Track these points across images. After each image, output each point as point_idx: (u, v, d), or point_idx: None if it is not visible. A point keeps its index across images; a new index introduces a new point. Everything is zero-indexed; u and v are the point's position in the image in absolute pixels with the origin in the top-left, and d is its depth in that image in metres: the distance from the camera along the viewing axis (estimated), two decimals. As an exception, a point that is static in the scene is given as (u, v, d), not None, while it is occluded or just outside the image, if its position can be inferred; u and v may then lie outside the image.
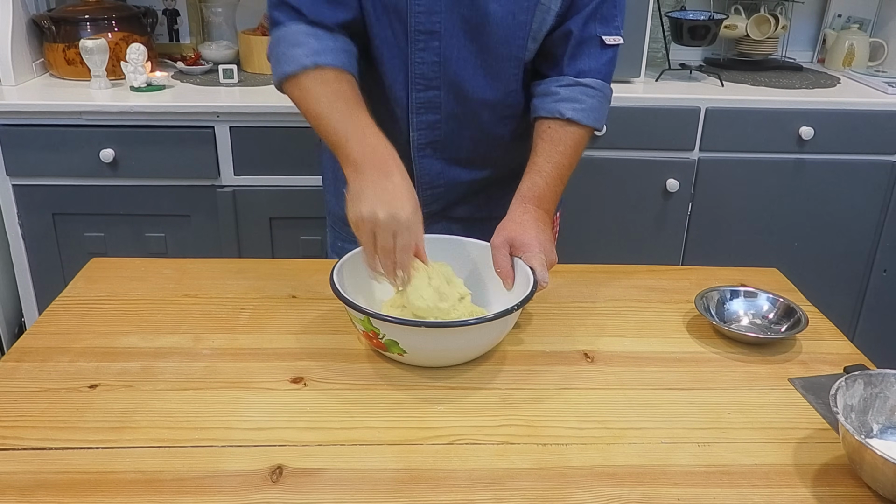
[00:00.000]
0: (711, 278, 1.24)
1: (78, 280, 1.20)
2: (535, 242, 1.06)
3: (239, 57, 2.34)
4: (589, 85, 1.16)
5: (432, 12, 1.09)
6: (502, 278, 1.05)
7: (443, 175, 1.25)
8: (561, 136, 1.15)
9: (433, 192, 1.26)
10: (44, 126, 1.97)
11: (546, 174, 1.14)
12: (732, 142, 2.14)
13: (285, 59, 1.08)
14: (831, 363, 1.04)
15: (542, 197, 1.13)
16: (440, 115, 1.19)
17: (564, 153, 1.15)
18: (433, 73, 1.14)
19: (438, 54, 1.13)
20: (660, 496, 0.79)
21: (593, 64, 1.16)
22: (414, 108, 1.18)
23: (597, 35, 1.14)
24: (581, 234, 2.20)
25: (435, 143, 1.21)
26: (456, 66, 1.14)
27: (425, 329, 0.94)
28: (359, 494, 0.78)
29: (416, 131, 1.20)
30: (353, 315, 0.96)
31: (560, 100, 1.15)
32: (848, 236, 2.26)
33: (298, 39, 1.08)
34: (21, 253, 2.10)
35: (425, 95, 1.16)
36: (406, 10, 1.09)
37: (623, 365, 1.02)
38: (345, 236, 1.33)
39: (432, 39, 1.11)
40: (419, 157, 1.22)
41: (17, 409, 0.89)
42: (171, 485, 0.78)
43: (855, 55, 2.47)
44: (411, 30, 1.11)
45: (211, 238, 2.10)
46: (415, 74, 1.14)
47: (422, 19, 1.10)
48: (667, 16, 2.32)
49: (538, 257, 1.04)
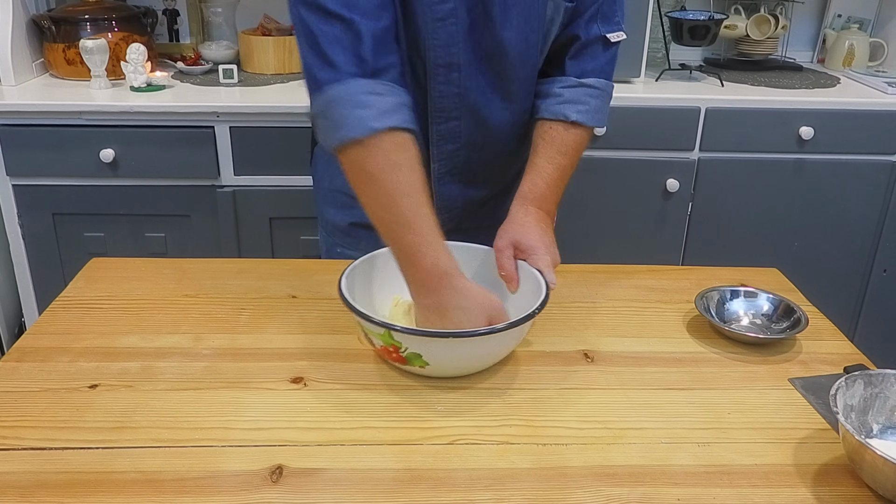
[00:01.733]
0: (711, 278, 1.24)
1: (78, 280, 1.20)
2: (540, 244, 1.06)
3: (239, 57, 2.34)
4: (592, 85, 1.16)
5: (451, 44, 1.07)
6: (506, 282, 1.05)
7: (461, 196, 1.25)
8: (563, 137, 1.15)
9: (450, 214, 1.26)
10: (44, 126, 1.97)
11: (547, 175, 1.13)
12: (732, 142, 2.14)
13: (347, 123, 0.95)
14: (831, 363, 1.04)
15: (543, 198, 1.13)
16: (460, 144, 1.18)
17: (566, 154, 1.15)
18: (453, 105, 1.13)
19: (459, 86, 1.11)
20: (660, 496, 0.79)
21: (596, 64, 1.16)
22: (434, 139, 1.16)
23: (601, 35, 1.14)
24: (581, 234, 2.20)
25: (454, 169, 1.21)
26: (476, 94, 1.12)
27: (454, 340, 0.91)
28: (359, 494, 0.78)
29: (436, 162, 1.19)
30: (371, 330, 0.93)
31: (564, 102, 1.15)
32: (848, 236, 2.26)
33: (363, 100, 0.95)
34: (21, 253, 2.11)
35: (446, 127, 1.15)
36: (425, 44, 1.07)
37: (623, 365, 1.02)
38: (342, 242, 1.33)
39: (452, 71, 1.09)
40: (439, 185, 1.22)
41: (17, 409, 0.89)
42: (171, 485, 0.78)
43: (855, 55, 2.47)
44: (430, 63, 1.08)
45: (211, 238, 2.10)
46: (435, 108, 1.13)
47: (441, 52, 1.07)
48: (667, 16, 2.32)
49: (544, 259, 1.04)
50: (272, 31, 2.29)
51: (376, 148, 0.95)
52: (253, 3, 2.40)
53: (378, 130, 0.94)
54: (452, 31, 1.06)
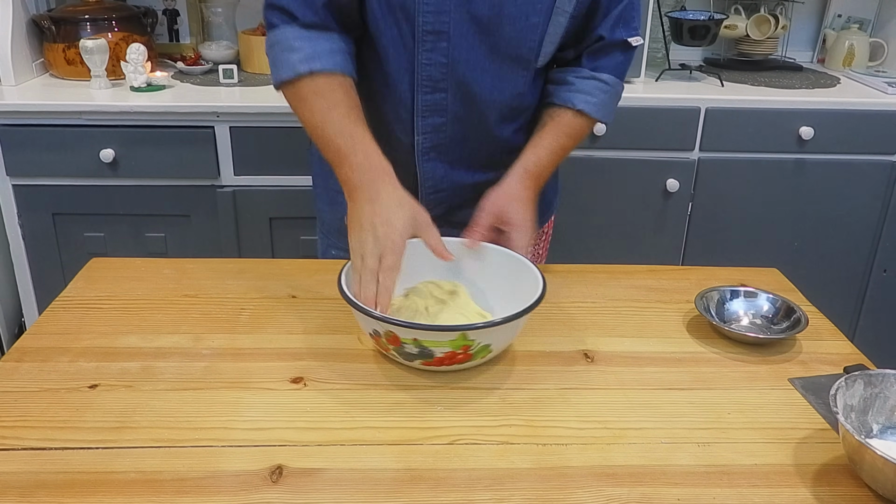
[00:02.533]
0: (711, 278, 1.24)
1: (78, 280, 1.20)
2: (524, 224, 1.10)
3: (239, 57, 2.34)
4: (604, 80, 1.18)
5: (441, 11, 1.07)
6: (468, 237, 1.08)
7: (446, 178, 1.24)
8: (569, 121, 1.18)
9: (437, 196, 1.25)
10: (44, 126, 1.97)
11: (551, 151, 1.17)
12: (732, 142, 2.14)
13: (280, 64, 1.07)
14: (831, 363, 1.04)
15: (541, 175, 1.18)
16: (446, 118, 1.17)
17: (570, 136, 1.19)
18: (440, 75, 1.12)
19: (446, 55, 1.10)
20: (660, 496, 0.79)
21: (612, 62, 1.19)
22: (419, 110, 1.16)
23: (623, 38, 1.17)
24: (581, 234, 2.20)
25: (439, 146, 1.20)
26: (464, 67, 1.12)
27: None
28: (359, 494, 0.78)
29: (420, 135, 1.18)
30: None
31: (575, 91, 1.18)
32: (848, 236, 2.26)
33: (292, 44, 1.07)
34: (21, 253, 2.11)
35: (432, 98, 1.15)
36: (414, 8, 1.07)
37: (623, 365, 1.02)
38: (337, 244, 1.33)
39: (440, 40, 1.09)
40: (423, 161, 1.21)
41: (17, 409, 0.89)
42: (171, 485, 0.78)
43: (855, 55, 2.47)
44: (419, 30, 1.08)
45: (211, 238, 2.10)
46: (422, 76, 1.12)
47: (430, 19, 1.07)
48: (667, 16, 2.32)
49: (523, 239, 1.08)
50: (272, 31, 2.29)
51: (306, 88, 1.06)
52: (253, 3, 2.40)
53: (302, 74, 1.05)
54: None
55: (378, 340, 0.94)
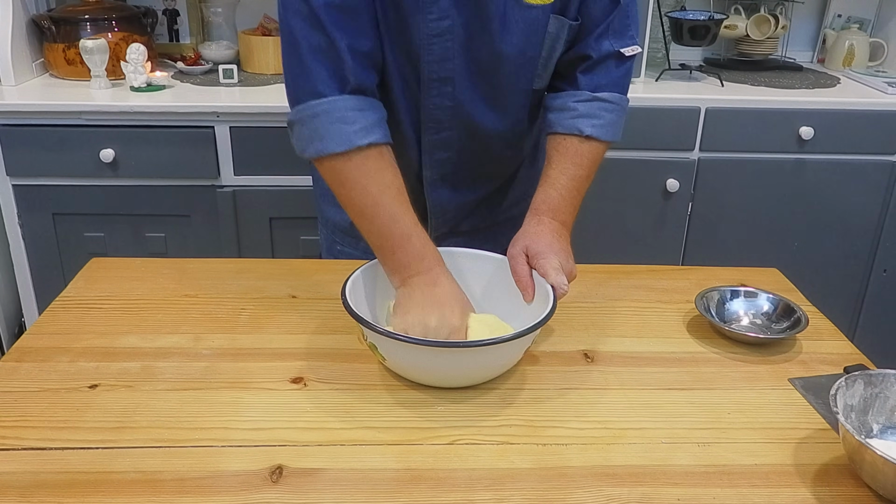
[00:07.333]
0: (711, 278, 1.24)
1: (78, 280, 1.20)
2: (549, 249, 1.04)
3: (239, 57, 2.34)
4: (606, 100, 1.13)
5: (446, 59, 1.07)
6: (521, 289, 1.03)
7: (453, 200, 1.26)
8: (577, 149, 1.13)
9: (444, 217, 1.27)
10: (44, 126, 1.97)
11: (561, 186, 1.12)
12: (732, 142, 2.14)
13: (331, 136, 1.00)
14: (831, 363, 1.04)
15: (557, 209, 1.11)
16: (452, 152, 1.18)
17: (581, 165, 1.13)
18: (446, 117, 1.13)
19: (452, 98, 1.11)
20: (660, 496, 0.79)
21: (610, 78, 1.14)
22: (427, 148, 1.17)
23: (613, 50, 1.12)
24: (581, 234, 2.20)
25: (446, 175, 1.22)
26: (469, 107, 1.13)
27: (443, 350, 0.91)
28: (359, 494, 0.78)
29: (428, 169, 1.20)
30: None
31: (578, 116, 1.13)
32: (848, 236, 2.26)
33: (346, 115, 1.00)
34: (21, 253, 2.11)
35: (438, 137, 1.16)
36: (419, 58, 1.07)
37: (623, 365, 1.02)
38: (344, 240, 1.33)
39: (445, 85, 1.10)
40: (431, 190, 1.23)
41: (17, 409, 0.89)
42: (171, 485, 0.78)
43: (855, 55, 2.47)
44: (424, 77, 1.09)
45: (211, 238, 2.10)
46: (429, 119, 1.13)
47: (435, 67, 1.08)
48: (667, 16, 2.32)
49: (552, 261, 1.02)
50: (272, 31, 2.29)
51: (359, 160, 1.00)
52: (253, 3, 2.40)
53: (360, 146, 1.00)
54: (448, 47, 1.06)
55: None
